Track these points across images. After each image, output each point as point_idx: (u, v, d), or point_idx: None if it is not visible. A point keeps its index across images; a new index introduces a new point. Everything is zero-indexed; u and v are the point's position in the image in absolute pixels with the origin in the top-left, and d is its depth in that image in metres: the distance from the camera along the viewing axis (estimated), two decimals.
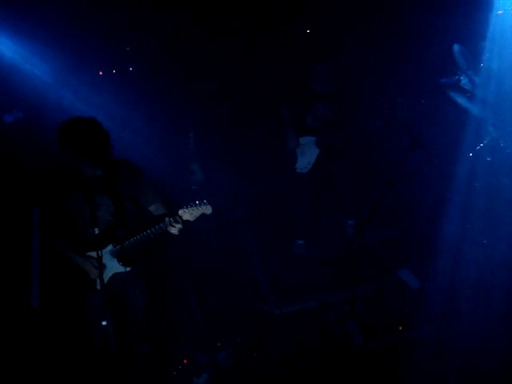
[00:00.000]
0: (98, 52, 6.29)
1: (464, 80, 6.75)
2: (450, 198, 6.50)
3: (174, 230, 4.40)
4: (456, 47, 6.56)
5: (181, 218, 4.36)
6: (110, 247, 4.51)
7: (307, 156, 6.53)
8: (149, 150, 6.28)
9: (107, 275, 4.51)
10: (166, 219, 4.37)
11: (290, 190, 6.98)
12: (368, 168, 6.95)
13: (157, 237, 4.48)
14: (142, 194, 4.65)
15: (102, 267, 4.07)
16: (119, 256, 4.54)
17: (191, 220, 4.39)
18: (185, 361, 5.40)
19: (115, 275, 4.57)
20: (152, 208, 4.69)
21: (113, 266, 4.54)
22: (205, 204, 4.38)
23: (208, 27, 6.59)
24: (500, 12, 6.52)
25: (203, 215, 4.41)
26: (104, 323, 4.04)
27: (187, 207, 4.35)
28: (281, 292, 6.10)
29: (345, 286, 5.64)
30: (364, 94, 6.55)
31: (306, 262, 6.53)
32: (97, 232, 4.15)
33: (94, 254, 4.44)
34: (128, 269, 4.59)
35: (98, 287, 4.49)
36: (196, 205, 4.36)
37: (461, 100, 6.49)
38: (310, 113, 6.48)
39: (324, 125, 6.47)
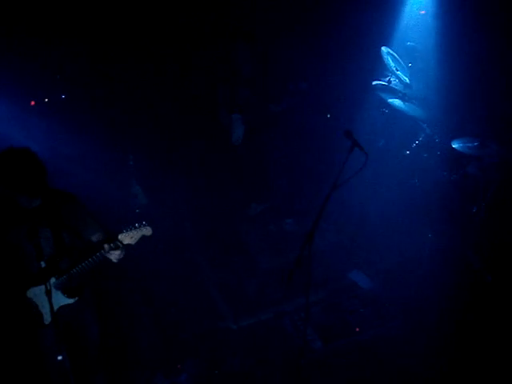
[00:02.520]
0: (28, 82, 6.16)
1: (394, 81, 6.94)
2: (390, 196, 6.68)
3: (114, 256, 4.30)
4: (384, 49, 6.73)
5: (121, 242, 4.27)
6: (52, 280, 4.36)
7: (237, 131, 6.86)
8: (88, 176, 6.19)
9: (55, 308, 4.30)
10: (106, 246, 4.26)
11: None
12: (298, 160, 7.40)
13: (98, 264, 4.36)
14: (82, 223, 4.50)
15: (51, 300, 3.96)
16: (63, 288, 4.41)
17: (132, 243, 4.31)
18: None
19: (62, 307, 4.43)
20: (94, 238, 4.57)
21: (58, 299, 4.39)
22: (144, 225, 4.30)
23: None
24: (423, 12, 6.75)
25: (144, 237, 4.34)
26: (60, 358, 3.94)
27: (126, 231, 4.27)
28: (236, 306, 6.06)
29: (299, 293, 5.72)
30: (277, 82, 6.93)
31: (260, 273, 6.51)
32: (43, 266, 4.05)
33: (40, 288, 4.32)
34: (74, 300, 4.48)
35: (47, 322, 4.37)
36: (135, 227, 4.28)
37: (392, 100, 6.64)
38: (238, 93, 6.85)
39: (247, 105, 6.86)
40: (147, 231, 4.32)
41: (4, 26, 5.88)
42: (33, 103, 6.28)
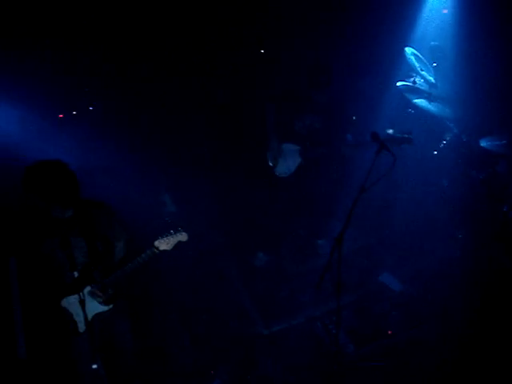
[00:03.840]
0: (57, 95, 6.26)
1: (419, 81, 6.89)
2: (418, 197, 6.63)
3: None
4: (408, 50, 6.69)
5: (157, 248, 4.36)
6: (87, 288, 4.45)
7: (289, 162, 6.45)
8: (117, 185, 6.25)
9: (89, 316, 4.41)
10: (143, 254, 4.35)
11: (264, 206, 7.00)
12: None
13: (132, 272, 4.45)
14: (113, 232, 4.62)
15: (84, 309, 4.03)
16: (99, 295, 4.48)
17: (168, 249, 4.40)
18: None
19: (97, 316, 4.50)
20: (125, 246, 4.71)
21: (93, 307, 4.48)
22: (180, 232, 4.41)
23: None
24: (445, 11, 6.70)
25: (180, 243, 4.41)
26: (94, 366, 3.99)
27: (162, 237, 4.36)
28: (267, 312, 6.07)
29: (329, 297, 5.70)
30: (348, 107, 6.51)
31: (290, 278, 6.50)
32: (76, 275, 4.11)
33: (74, 297, 4.38)
34: (108, 307, 4.54)
35: (81, 330, 4.43)
36: (171, 234, 4.40)
37: (419, 101, 6.60)
38: (298, 119, 6.36)
39: (309, 134, 6.36)
40: (183, 237, 4.43)
41: (35, 43, 5.98)
42: (61, 116, 6.38)
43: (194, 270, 6.52)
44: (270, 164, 6.46)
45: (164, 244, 4.39)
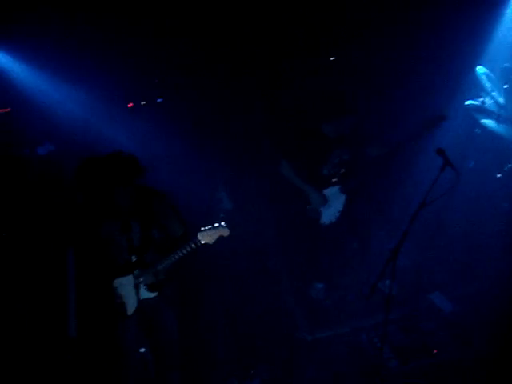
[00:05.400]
0: (127, 84, 6.41)
1: (489, 102, 6.77)
2: (480, 219, 6.51)
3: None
4: (479, 69, 6.59)
5: (200, 241, 4.38)
6: (136, 272, 4.53)
7: (334, 206, 6.16)
8: (176, 177, 6.35)
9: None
10: (187, 244, 4.42)
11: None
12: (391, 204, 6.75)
13: (180, 261, 4.52)
14: (169, 221, 4.69)
15: (139, 292, 4.12)
16: (146, 282, 4.57)
17: (210, 243, 4.42)
18: None
19: (144, 301, 4.59)
20: (178, 235, 4.73)
21: (140, 292, 4.56)
22: (222, 226, 4.41)
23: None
24: None
25: (221, 237, 4.43)
26: (142, 350, 4.07)
27: (205, 230, 4.37)
28: (313, 317, 6.07)
29: (377, 310, 5.66)
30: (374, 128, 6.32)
31: (337, 287, 6.48)
32: (134, 259, 4.21)
33: (126, 279, 4.49)
34: (154, 294, 4.61)
35: (129, 313, 4.52)
36: (214, 227, 4.39)
37: (487, 122, 6.50)
38: (326, 162, 6.10)
39: (343, 169, 6.13)
40: (224, 232, 4.41)
41: (108, 35, 6.14)
42: (130, 105, 6.53)
43: (244, 268, 6.56)
44: (315, 216, 6.21)
45: (206, 237, 4.37)
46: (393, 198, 6.71)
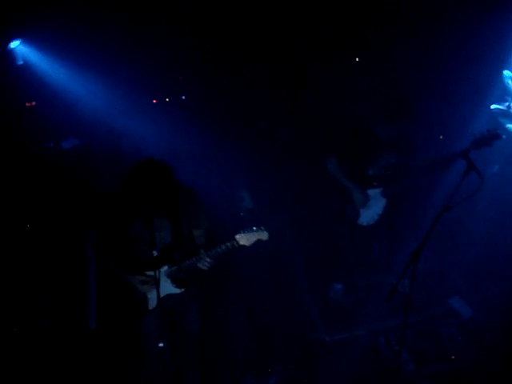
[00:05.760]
0: (153, 81, 6.46)
1: None
2: (503, 224, 6.45)
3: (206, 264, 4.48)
4: (507, 73, 6.53)
5: (237, 242, 4.44)
6: (165, 268, 4.57)
7: (374, 209, 6.14)
8: (199, 173, 6.39)
9: (161, 295, 4.50)
10: (223, 245, 4.45)
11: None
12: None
13: (211, 260, 4.52)
14: (196, 218, 4.72)
15: (158, 287, 4.15)
16: (173, 277, 4.60)
17: (247, 245, 4.46)
18: None
19: (168, 296, 4.62)
20: (196, 233, 4.77)
21: (166, 287, 4.59)
22: (261, 230, 4.45)
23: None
24: None
25: (259, 241, 4.47)
26: (161, 344, 4.10)
27: (244, 232, 4.42)
28: (331, 319, 6.05)
29: (396, 313, 5.64)
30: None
31: (357, 288, 6.47)
32: (155, 254, 4.23)
33: (149, 274, 4.52)
34: (180, 290, 4.64)
35: (151, 308, 4.55)
36: (253, 230, 4.43)
37: (511, 126, 6.44)
38: (373, 163, 6.07)
39: (388, 173, 6.09)
40: (264, 236, 4.47)
41: (135, 32, 6.20)
42: (155, 101, 6.59)
43: (265, 267, 6.56)
44: (353, 215, 6.18)
45: (244, 239, 4.43)
46: (425, 205, 6.63)
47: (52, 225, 5.96)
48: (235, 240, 4.43)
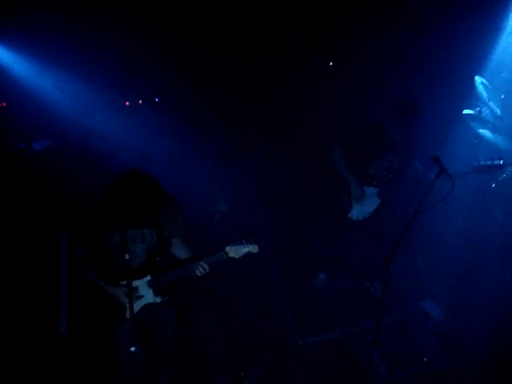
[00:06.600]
0: (126, 83, 6.42)
1: (485, 111, 6.79)
2: (475, 229, 6.52)
3: (201, 271, 4.46)
4: (477, 79, 6.61)
5: (227, 254, 4.43)
6: (147, 278, 4.52)
7: (367, 206, 6.21)
8: (173, 175, 6.37)
9: (140, 304, 4.52)
10: (212, 256, 4.45)
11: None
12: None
13: (195, 271, 4.50)
14: (175, 222, 4.66)
15: (132, 296, 4.11)
16: (156, 287, 4.54)
17: (236, 258, 4.46)
18: None
19: (146, 305, 4.57)
20: (174, 241, 4.71)
21: (147, 297, 4.55)
22: (252, 244, 4.44)
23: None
24: None
25: (249, 254, 4.48)
26: (132, 349, 4.06)
27: (234, 245, 4.41)
28: (304, 322, 6.06)
29: (368, 316, 5.67)
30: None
31: (329, 292, 6.49)
32: (127, 258, 4.18)
33: (136, 283, 4.48)
34: (161, 300, 4.59)
35: (128, 316, 4.49)
36: (243, 243, 4.43)
37: (483, 131, 6.51)
38: (376, 162, 6.13)
39: (388, 175, 6.18)
40: (254, 249, 4.48)
41: (108, 33, 6.15)
42: (127, 103, 6.55)
43: (235, 270, 6.54)
44: (346, 208, 6.24)
45: (234, 252, 4.43)
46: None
47: (22, 228, 5.87)
48: (225, 252, 4.42)
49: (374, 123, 6.19)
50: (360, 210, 6.22)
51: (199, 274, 4.47)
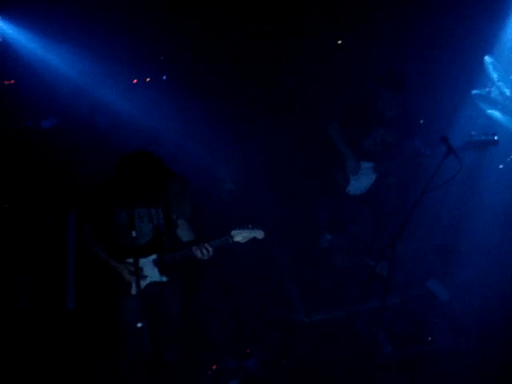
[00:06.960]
0: (133, 61, 6.41)
1: (495, 92, 6.74)
2: (479, 208, 6.51)
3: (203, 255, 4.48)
4: (487, 59, 6.56)
5: (232, 238, 4.44)
6: (153, 256, 4.55)
7: (363, 181, 6.24)
8: (181, 155, 6.37)
9: (145, 282, 4.55)
10: (218, 240, 4.46)
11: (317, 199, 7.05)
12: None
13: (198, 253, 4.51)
14: (182, 203, 4.67)
15: (138, 273, 4.14)
16: (161, 266, 4.57)
17: (241, 242, 4.47)
18: (214, 366, 5.41)
19: (152, 283, 4.61)
20: (180, 222, 4.73)
21: (153, 275, 4.58)
22: (258, 229, 4.45)
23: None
24: None
25: (254, 239, 4.48)
26: (139, 325, 4.10)
27: (239, 229, 4.42)
28: (310, 301, 6.09)
29: (374, 296, 5.70)
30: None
31: (335, 271, 6.51)
32: (134, 235, 4.20)
33: (142, 262, 4.51)
34: (167, 278, 4.62)
35: (133, 292, 4.53)
36: (249, 228, 4.43)
37: (491, 112, 6.48)
38: (369, 136, 6.15)
39: (382, 150, 6.18)
40: (259, 234, 4.47)
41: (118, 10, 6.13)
42: (135, 81, 6.53)
43: (242, 249, 6.54)
44: (343, 183, 6.29)
45: (240, 236, 4.44)
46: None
47: (30, 203, 5.89)
48: (230, 236, 4.43)
49: (362, 96, 6.22)
50: (356, 185, 6.25)
51: (204, 257, 4.49)
